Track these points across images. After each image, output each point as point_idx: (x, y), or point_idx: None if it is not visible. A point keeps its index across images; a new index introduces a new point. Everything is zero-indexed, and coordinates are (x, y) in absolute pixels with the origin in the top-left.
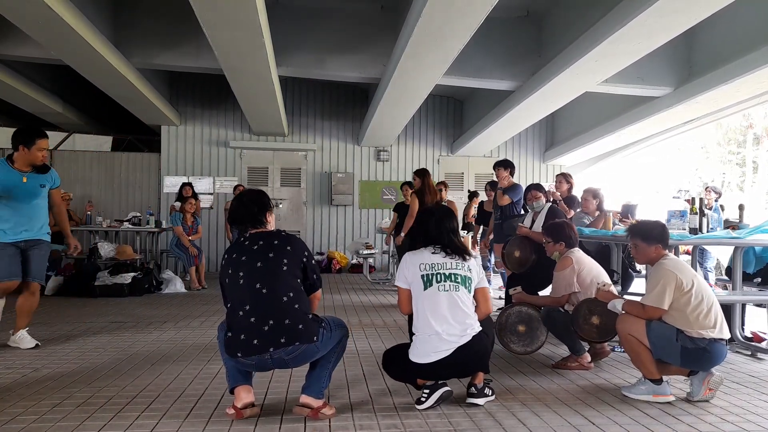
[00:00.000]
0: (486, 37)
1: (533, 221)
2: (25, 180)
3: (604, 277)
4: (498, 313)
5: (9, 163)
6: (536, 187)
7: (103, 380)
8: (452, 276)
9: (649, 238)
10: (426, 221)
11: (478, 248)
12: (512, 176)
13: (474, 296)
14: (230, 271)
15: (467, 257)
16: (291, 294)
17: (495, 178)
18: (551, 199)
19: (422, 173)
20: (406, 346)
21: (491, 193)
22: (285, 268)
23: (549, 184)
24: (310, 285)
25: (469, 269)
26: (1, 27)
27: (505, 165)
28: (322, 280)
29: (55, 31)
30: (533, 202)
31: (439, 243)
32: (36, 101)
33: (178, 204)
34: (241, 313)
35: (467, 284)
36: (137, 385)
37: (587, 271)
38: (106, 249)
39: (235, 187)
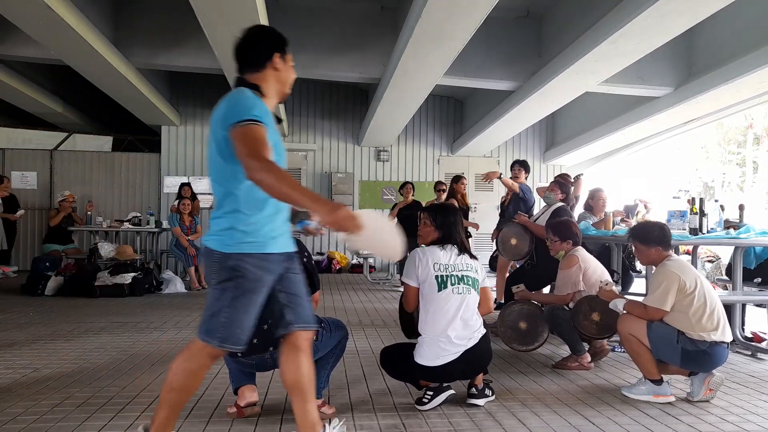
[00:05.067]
0: (486, 37)
1: (540, 215)
2: None
3: (607, 276)
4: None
5: None
6: (560, 180)
7: (104, 380)
8: (465, 278)
9: (647, 240)
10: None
11: None
12: (526, 180)
13: None
14: None
15: (472, 256)
16: None
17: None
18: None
19: None
20: (406, 346)
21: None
22: None
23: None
24: (308, 287)
25: (476, 270)
26: (1, 27)
27: (527, 168)
28: (320, 282)
29: (55, 31)
30: (549, 194)
31: (448, 241)
32: (36, 101)
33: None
34: None
35: (476, 286)
36: (137, 385)
37: (592, 270)
38: (106, 249)
39: None
